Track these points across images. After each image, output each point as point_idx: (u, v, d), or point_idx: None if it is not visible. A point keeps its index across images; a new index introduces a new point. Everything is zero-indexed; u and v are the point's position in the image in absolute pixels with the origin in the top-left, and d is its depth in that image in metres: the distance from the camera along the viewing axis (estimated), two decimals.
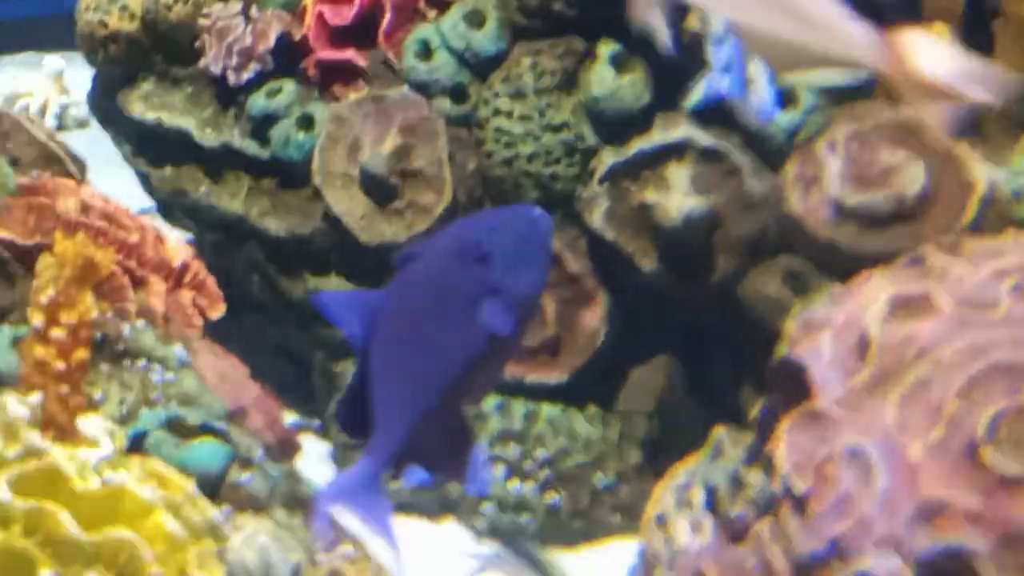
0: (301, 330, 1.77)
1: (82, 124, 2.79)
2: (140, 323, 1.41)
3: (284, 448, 1.49)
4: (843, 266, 1.46)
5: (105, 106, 1.88)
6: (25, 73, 2.96)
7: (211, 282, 1.54)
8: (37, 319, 1.12)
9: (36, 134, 1.57)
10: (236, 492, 1.32)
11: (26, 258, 1.35)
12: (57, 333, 1.12)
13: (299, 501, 1.42)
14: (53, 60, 2.86)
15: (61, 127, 2.78)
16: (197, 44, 1.77)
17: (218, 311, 1.52)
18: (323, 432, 1.78)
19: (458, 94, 1.65)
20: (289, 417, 1.73)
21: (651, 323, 1.66)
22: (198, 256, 1.54)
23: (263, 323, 1.81)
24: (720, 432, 1.44)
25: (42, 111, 2.82)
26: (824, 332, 1.24)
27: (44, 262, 1.13)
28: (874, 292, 1.22)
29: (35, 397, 1.11)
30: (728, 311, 1.61)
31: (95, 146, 1.89)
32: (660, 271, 1.61)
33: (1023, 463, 1.03)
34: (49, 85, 2.86)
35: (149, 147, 1.82)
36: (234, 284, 1.75)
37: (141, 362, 1.37)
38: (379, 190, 1.65)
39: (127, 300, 1.42)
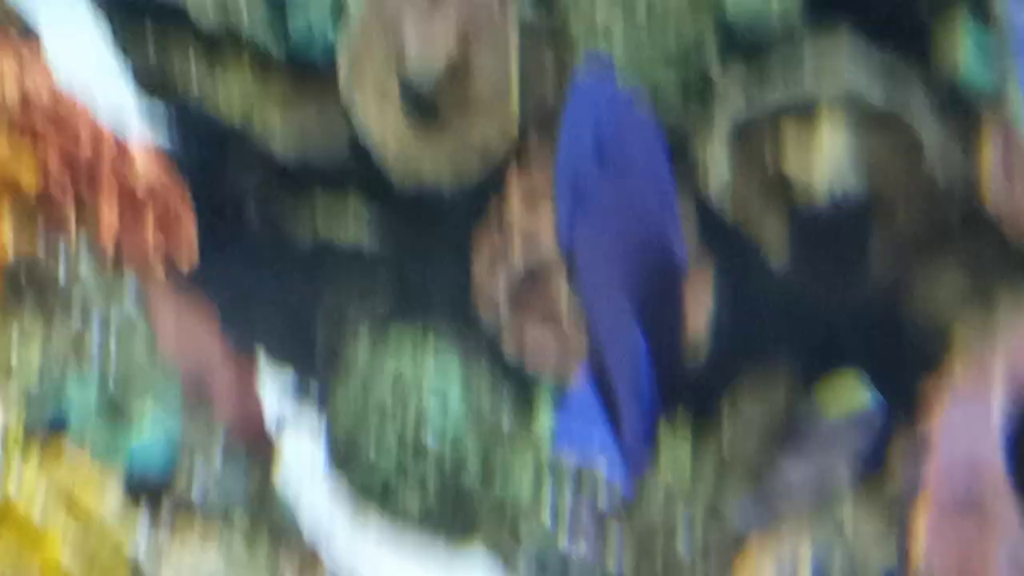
0: (306, 283, 1.78)
1: None
2: (81, 264, 1.42)
3: (258, 446, 1.51)
4: None
5: None
6: None
7: (187, 218, 1.53)
8: None
9: None
10: (178, 505, 1.33)
11: None
12: None
13: (266, 521, 1.45)
14: None
15: None
16: None
17: (188, 261, 1.52)
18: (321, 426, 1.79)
19: None
20: (276, 403, 1.74)
21: (770, 335, 1.67)
22: (175, 176, 1.54)
23: (258, 270, 1.81)
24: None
25: None
26: (997, 375, 1.31)
27: None
28: None
29: None
30: (885, 334, 1.62)
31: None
32: (792, 267, 1.61)
33: None
34: None
35: (122, 13, 1.80)
36: (223, 213, 1.75)
37: (75, 314, 1.39)
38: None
39: (66, 231, 1.43)
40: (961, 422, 1.31)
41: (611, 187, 1.08)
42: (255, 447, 1.52)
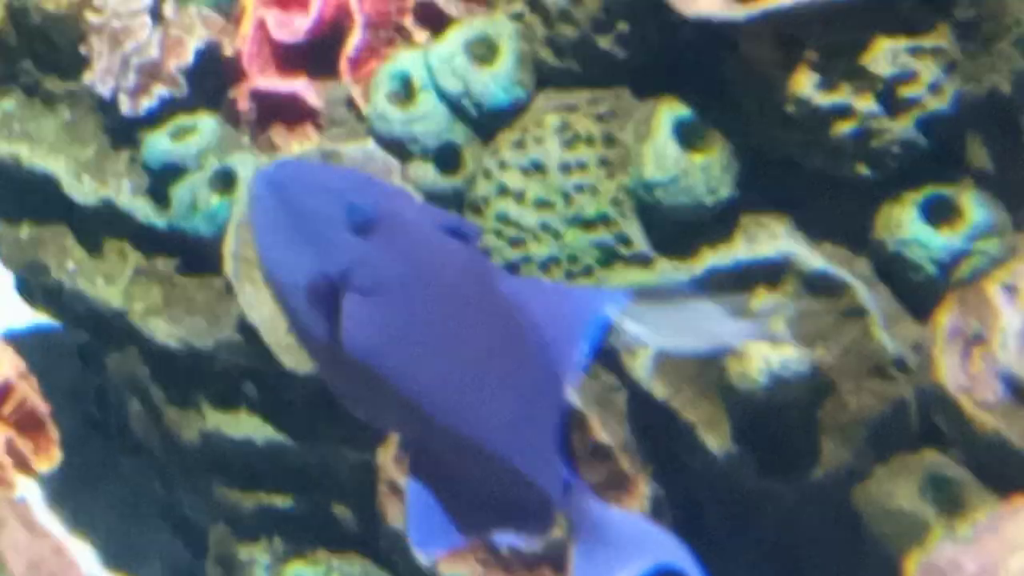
0: (193, 491, 1.75)
1: None
2: None
3: None
4: (1016, 474, 1.47)
5: None
6: None
7: (45, 416, 1.52)
8: None
9: None
10: None
11: None
12: None
13: None
14: None
15: None
16: (83, 50, 1.75)
17: (48, 462, 1.51)
18: None
19: (447, 159, 1.63)
20: None
21: (718, 530, 1.63)
22: (33, 371, 1.53)
23: (145, 473, 1.80)
24: None
25: None
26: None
27: None
28: None
29: None
30: (837, 525, 1.58)
31: None
32: (734, 454, 1.57)
33: None
34: None
35: (2, 194, 1.82)
36: (108, 409, 1.77)
37: None
38: None
39: None
40: None
41: (393, 255, 1.01)
42: None
